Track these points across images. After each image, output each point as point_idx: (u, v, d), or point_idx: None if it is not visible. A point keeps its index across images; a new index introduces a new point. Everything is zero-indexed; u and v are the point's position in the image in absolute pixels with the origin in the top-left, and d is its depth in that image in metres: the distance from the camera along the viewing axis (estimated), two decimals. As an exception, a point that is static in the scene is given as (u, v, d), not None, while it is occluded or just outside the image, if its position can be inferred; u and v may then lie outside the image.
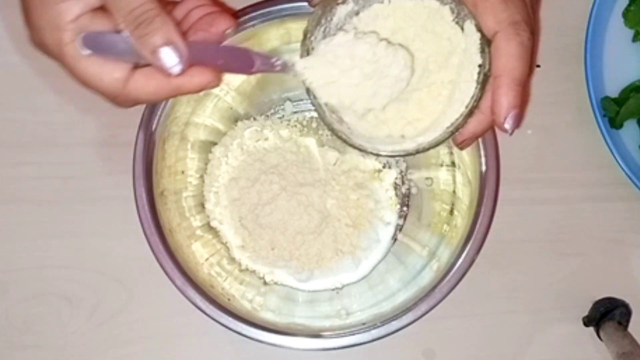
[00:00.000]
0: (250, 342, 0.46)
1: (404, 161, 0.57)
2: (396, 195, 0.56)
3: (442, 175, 0.54)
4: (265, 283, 0.55)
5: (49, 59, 0.39)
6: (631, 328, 0.54)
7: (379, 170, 0.57)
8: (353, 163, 0.56)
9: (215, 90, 0.52)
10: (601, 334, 0.54)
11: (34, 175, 0.56)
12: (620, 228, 0.57)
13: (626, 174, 0.55)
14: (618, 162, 0.55)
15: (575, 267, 0.57)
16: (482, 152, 0.47)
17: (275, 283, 0.55)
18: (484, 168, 0.47)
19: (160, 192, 0.48)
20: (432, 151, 0.53)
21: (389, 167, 0.57)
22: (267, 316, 0.50)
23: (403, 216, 0.56)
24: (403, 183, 0.57)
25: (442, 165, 0.53)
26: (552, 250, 0.57)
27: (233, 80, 0.53)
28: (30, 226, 0.56)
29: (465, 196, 0.50)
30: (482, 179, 0.47)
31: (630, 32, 0.57)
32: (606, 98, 0.56)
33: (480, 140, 0.47)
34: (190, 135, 0.52)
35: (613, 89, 0.57)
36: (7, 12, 0.57)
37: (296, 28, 0.49)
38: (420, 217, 0.55)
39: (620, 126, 0.56)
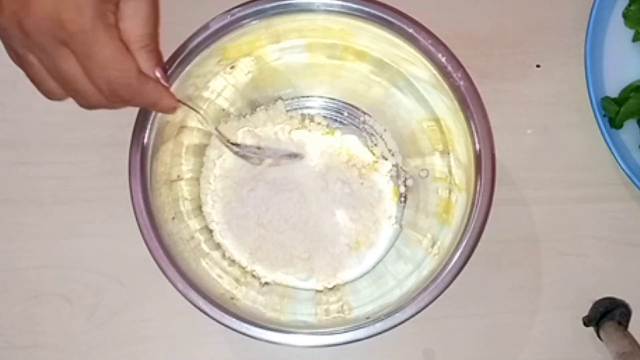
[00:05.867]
0: (250, 341, 0.46)
1: (399, 153, 0.57)
2: (396, 186, 0.57)
3: (437, 164, 0.54)
4: (266, 283, 0.55)
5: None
6: (631, 328, 0.54)
7: (375, 162, 0.57)
8: (351, 153, 0.56)
9: (206, 94, 0.52)
10: (601, 334, 0.54)
11: (34, 175, 0.56)
12: (620, 228, 0.57)
13: (626, 174, 0.55)
14: (618, 162, 0.55)
15: (575, 267, 0.57)
16: (475, 135, 0.47)
17: (276, 282, 0.55)
18: (477, 147, 0.47)
19: (158, 197, 0.48)
20: (425, 140, 0.54)
21: (385, 159, 0.57)
22: (270, 315, 0.50)
23: (403, 207, 0.56)
24: (399, 175, 0.57)
25: (435, 152, 0.53)
26: (552, 250, 0.57)
27: (230, 78, 0.53)
28: (30, 226, 0.56)
29: (462, 181, 0.50)
30: (477, 160, 0.47)
31: (630, 32, 0.57)
32: (606, 98, 0.56)
33: (470, 119, 0.47)
34: (185, 139, 0.52)
35: (613, 89, 0.57)
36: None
37: (284, 27, 0.49)
38: (419, 207, 0.55)
39: (620, 126, 0.56)
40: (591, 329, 0.55)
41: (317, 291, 0.55)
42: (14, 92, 0.57)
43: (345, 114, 0.57)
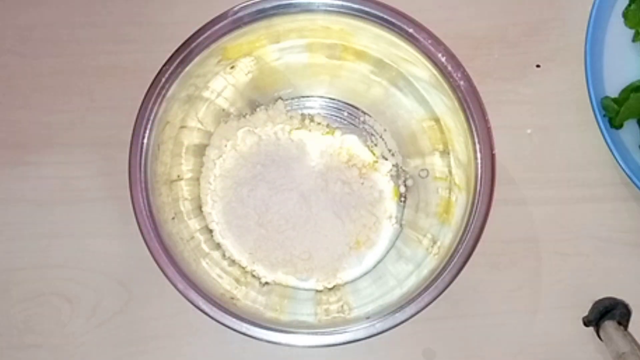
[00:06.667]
0: (250, 341, 0.46)
1: (399, 153, 0.57)
2: (396, 186, 0.57)
3: (437, 164, 0.54)
4: (266, 283, 0.55)
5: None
6: (631, 328, 0.54)
7: (375, 162, 0.57)
8: (351, 153, 0.56)
9: (206, 94, 0.52)
10: (601, 334, 0.54)
11: (34, 175, 0.56)
12: (620, 228, 0.57)
13: (626, 174, 0.55)
14: (618, 162, 0.55)
15: (575, 267, 0.57)
16: (475, 135, 0.47)
17: (276, 282, 0.55)
18: (477, 147, 0.47)
19: (158, 197, 0.48)
20: (425, 140, 0.54)
21: (385, 159, 0.57)
22: (270, 315, 0.50)
23: (403, 207, 0.56)
24: (399, 175, 0.57)
25: (435, 152, 0.53)
26: (552, 250, 0.57)
27: (230, 78, 0.53)
28: (30, 226, 0.56)
29: (462, 181, 0.50)
30: (477, 159, 0.47)
31: (630, 32, 0.57)
32: (606, 98, 0.56)
33: (470, 118, 0.47)
34: (185, 139, 0.52)
35: (613, 89, 0.57)
36: (7, 12, 0.57)
37: (284, 27, 0.49)
38: (419, 207, 0.56)
39: (620, 126, 0.56)
40: (591, 329, 0.55)
41: (317, 291, 0.55)
42: (14, 92, 0.57)
43: (345, 114, 0.57)
